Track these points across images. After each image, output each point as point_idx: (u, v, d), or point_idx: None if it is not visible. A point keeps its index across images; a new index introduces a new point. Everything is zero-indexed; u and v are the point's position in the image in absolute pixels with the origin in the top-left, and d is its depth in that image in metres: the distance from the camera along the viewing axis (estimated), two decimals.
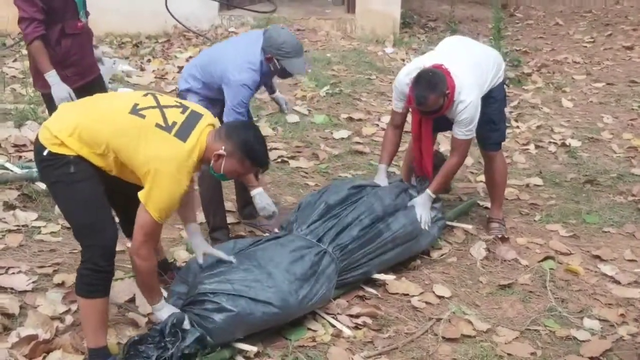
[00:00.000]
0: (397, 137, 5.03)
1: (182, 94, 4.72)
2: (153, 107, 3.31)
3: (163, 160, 3.16)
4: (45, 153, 3.26)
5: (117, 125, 3.25)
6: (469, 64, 4.71)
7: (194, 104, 3.58)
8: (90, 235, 3.36)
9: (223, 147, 3.28)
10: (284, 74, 4.63)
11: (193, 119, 3.32)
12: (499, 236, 5.05)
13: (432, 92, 4.39)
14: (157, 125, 3.23)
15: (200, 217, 4.54)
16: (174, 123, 3.26)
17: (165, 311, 3.48)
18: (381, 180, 4.89)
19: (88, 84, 4.64)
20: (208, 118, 3.41)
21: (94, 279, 3.33)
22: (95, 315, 3.37)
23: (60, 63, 4.50)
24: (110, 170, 3.32)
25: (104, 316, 3.41)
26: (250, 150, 3.33)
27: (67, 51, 4.56)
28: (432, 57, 4.80)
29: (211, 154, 3.30)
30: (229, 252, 3.93)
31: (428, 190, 4.72)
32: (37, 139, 3.35)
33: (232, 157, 3.30)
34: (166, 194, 3.17)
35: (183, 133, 3.24)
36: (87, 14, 4.73)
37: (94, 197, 3.34)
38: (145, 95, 3.45)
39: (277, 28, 4.73)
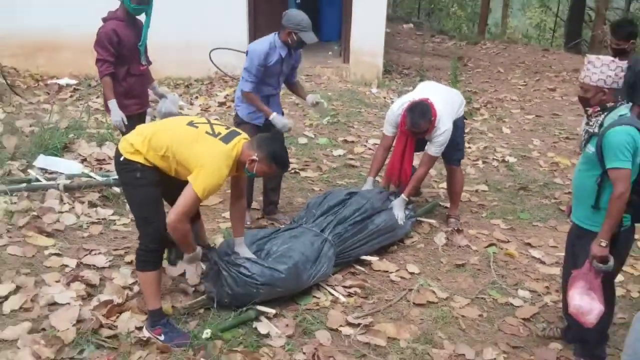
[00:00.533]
0: (385, 156, 5.02)
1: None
2: (204, 123, 3.42)
3: (210, 155, 3.23)
4: (121, 159, 3.35)
5: (176, 133, 3.35)
6: (444, 100, 4.75)
7: (235, 128, 3.62)
8: (144, 225, 3.42)
9: (255, 154, 3.31)
10: (299, 44, 4.46)
11: (234, 133, 3.41)
12: (455, 228, 5.04)
13: (423, 119, 4.49)
14: (207, 132, 3.34)
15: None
16: (219, 133, 3.36)
17: (198, 253, 3.56)
18: (368, 187, 4.91)
19: (144, 112, 4.70)
20: (244, 135, 3.48)
21: (146, 257, 3.39)
22: (150, 285, 3.41)
23: (125, 95, 4.55)
24: (170, 171, 3.35)
25: (156, 285, 3.43)
26: (276, 157, 3.37)
27: (131, 86, 4.60)
28: (417, 94, 4.83)
29: (246, 158, 3.33)
30: (255, 239, 3.99)
31: (402, 195, 4.73)
32: (117, 148, 3.43)
33: (262, 162, 3.34)
34: (210, 178, 3.20)
35: (226, 139, 3.32)
36: (148, 61, 4.76)
37: (151, 199, 3.39)
38: (200, 116, 3.56)
39: (294, 10, 4.59)
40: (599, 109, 3.13)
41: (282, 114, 4.83)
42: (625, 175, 2.97)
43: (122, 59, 4.48)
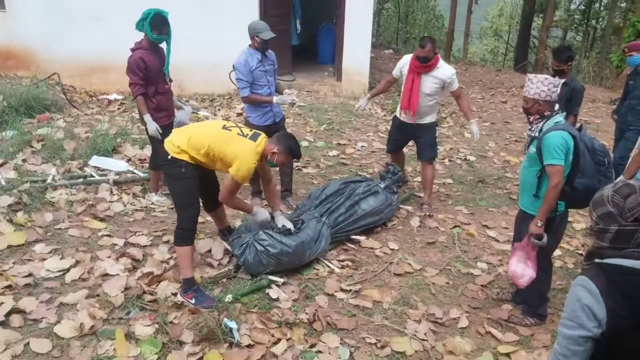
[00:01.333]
0: (386, 87, 5.35)
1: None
2: (234, 127, 3.54)
3: (244, 151, 3.40)
4: (169, 157, 3.43)
5: (215, 135, 3.47)
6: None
7: (257, 130, 3.74)
8: (183, 209, 3.47)
9: (276, 148, 3.48)
10: (264, 43, 4.49)
11: (257, 134, 3.58)
12: (428, 214, 5.02)
13: (430, 43, 4.66)
14: (238, 134, 3.47)
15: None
16: (247, 134, 3.50)
17: (260, 212, 3.84)
18: (363, 102, 5.35)
19: (171, 122, 4.64)
20: (264, 135, 3.62)
21: (182, 235, 3.44)
22: (185, 257, 3.43)
23: (155, 109, 4.50)
24: (213, 165, 3.51)
25: (190, 258, 3.46)
26: (292, 149, 3.57)
27: (159, 102, 4.53)
28: None
29: (269, 152, 3.49)
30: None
31: (472, 120, 4.99)
32: (163, 148, 3.51)
33: (281, 154, 3.51)
34: (244, 168, 3.38)
35: (253, 138, 3.48)
36: (170, 80, 4.70)
37: (191, 189, 3.48)
38: (228, 121, 3.81)
39: (253, 21, 4.68)
40: (538, 117, 3.15)
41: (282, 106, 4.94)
42: (558, 171, 2.99)
43: (150, 80, 4.42)
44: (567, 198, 3.10)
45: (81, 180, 4.93)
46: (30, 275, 3.49)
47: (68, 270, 3.59)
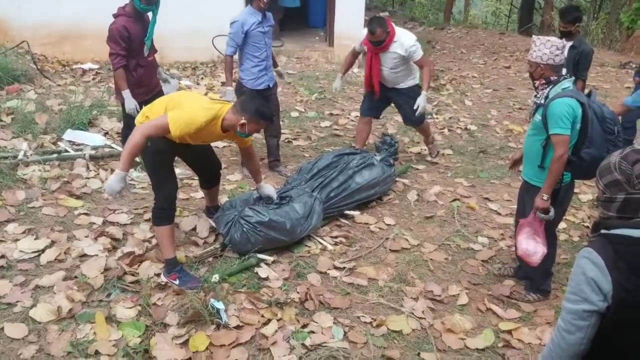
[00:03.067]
0: (352, 61, 5.34)
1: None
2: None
3: (192, 103, 3.23)
4: None
5: (172, 97, 3.37)
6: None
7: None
8: (157, 187, 3.42)
9: (243, 117, 3.23)
10: (270, 2, 4.66)
11: (222, 101, 3.42)
12: (434, 155, 5.61)
13: (379, 27, 4.65)
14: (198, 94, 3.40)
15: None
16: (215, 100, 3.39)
17: (113, 176, 3.26)
18: (337, 82, 5.35)
19: (153, 96, 4.50)
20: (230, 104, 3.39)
21: (160, 214, 3.39)
22: (164, 237, 3.41)
23: (136, 84, 4.40)
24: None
25: (170, 238, 3.43)
26: (260, 113, 3.29)
27: (140, 76, 4.43)
28: None
29: (236, 123, 3.25)
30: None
31: (424, 92, 4.97)
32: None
33: (250, 122, 3.27)
34: (183, 115, 3.12)
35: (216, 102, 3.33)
36: (154, 50, 4.63)
37: (161, 164, 3.39)
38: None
39: None
40: (544, 82, 3.12)
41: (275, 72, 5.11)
42: (564, 141, 2.97)
43: (132, 52, 4.31)
44: (574, 169, 3.09)
45: (55, 155, 4.87)
46: (2, 257, 3.46)
47: (43, 251, 3.57)
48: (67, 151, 5.00)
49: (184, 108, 3.16)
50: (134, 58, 4.37)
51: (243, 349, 2.89)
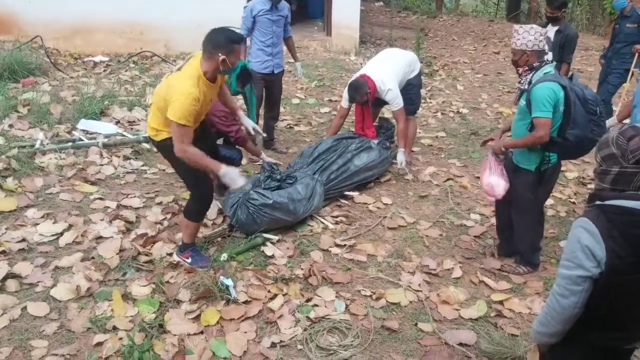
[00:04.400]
0: (340, 124, 4.84)
1: None
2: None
3: (176, 87, 2.90)
4: (155, 143, 3.22)
5: (156, 93, 3.13)
6: (390, 66, 4.61)
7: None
8: (193, 187, 3.25)
9: (219, 52, 2.90)
10: None
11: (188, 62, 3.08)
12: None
13: (357, 94, 4.44)
14: (168, 75, 3.15)
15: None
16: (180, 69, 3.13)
17: (231, 172, 2.97)
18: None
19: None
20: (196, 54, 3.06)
21: (194, 212, 3.29)
22: (191, 228, 3.34)
23: None
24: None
25: (197, 230, 3.40)
26: (232, 40, 2.95)
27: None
28: (367, 67, 4.74)
29: (216, 64, 2.93)
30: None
31: (403, 149, 4.65)
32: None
33: (228, 54, 2.92)
34: (181, 105, 2.82)
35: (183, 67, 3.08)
36: None
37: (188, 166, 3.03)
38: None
39: None
40: (527, 68, 3.11)
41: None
42: (546, 123, 2.95)
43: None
44: (560, 149, 3.07)
45: (70, 144, 4.85)
46: (23, 240, 3.46)
47: (61, 234, 3.57)
48: (82, 140, 4.97)
49: (173, 98, 2.85)
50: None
51: (251, 322, 2.91)
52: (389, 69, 4.59)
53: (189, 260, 3.31)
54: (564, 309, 1.67)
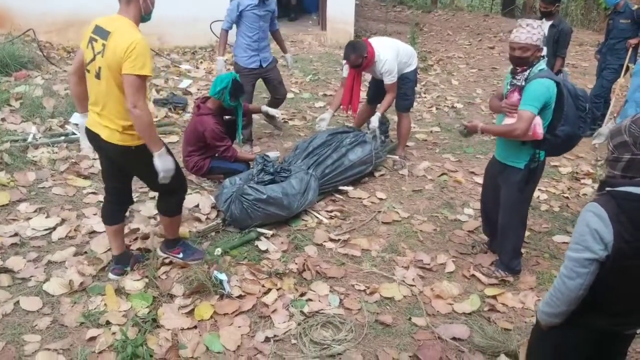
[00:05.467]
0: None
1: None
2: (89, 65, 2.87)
3: (127, 33, 2.63)
4: (131, 149, 2.83)
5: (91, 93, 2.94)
6: (389, 45, 4.62)
7: None
8: (181, 184, 3.15)
9: None
10: None
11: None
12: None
13: (353, 53, 4.40)
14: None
15: None
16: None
17: (164, 157, 2.73)
18: (325, 120, 4.73)
19: None
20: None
21: (180, 204, 3.23)
22: (179, 222, 3.31)
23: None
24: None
25: (179, 224, 3.33)
26: None
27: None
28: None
29: (135, 14, 2.72)
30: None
31: (378, 112, 4.68)
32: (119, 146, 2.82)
33: None
34: (145, 55, 2.58)
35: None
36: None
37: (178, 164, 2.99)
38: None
39: None
40: (525, 66, 3.02)
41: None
42: (527, 118, 2.87)
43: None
44: (548, 146, 3.02)
45: (63, 138, 4.82)
46: (16, 234, 3.44)
47: (54, 228, 3.55)
48: (74, 134, 4.94)
49: (127, 50, 2.55)
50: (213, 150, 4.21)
51: (245, 317, 2.90)
52: (392, 45, 4.64)
53: (181, 256, 3.29)
54: (570, 291, 1.73)
